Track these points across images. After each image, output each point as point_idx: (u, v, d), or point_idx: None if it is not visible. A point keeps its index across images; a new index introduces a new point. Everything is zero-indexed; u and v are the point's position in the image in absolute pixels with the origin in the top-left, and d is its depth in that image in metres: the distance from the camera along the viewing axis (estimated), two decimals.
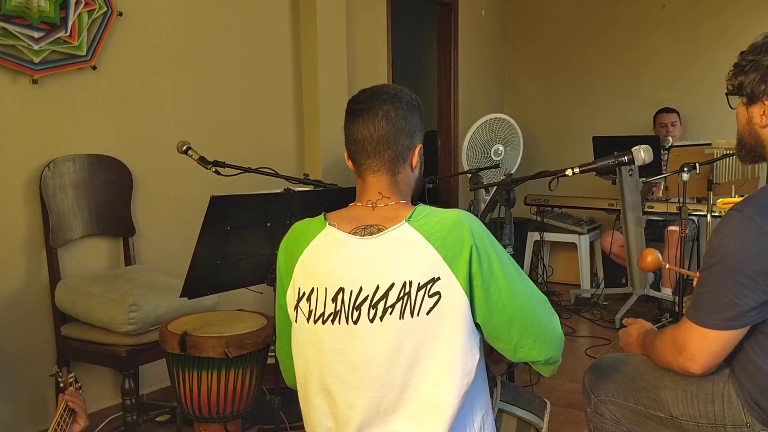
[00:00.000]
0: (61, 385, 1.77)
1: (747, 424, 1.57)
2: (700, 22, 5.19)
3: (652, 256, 1.93)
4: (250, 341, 2.17)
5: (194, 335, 2.16)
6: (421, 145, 1.47)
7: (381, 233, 1.37)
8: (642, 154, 1.83)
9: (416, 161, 1.46)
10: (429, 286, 1.32)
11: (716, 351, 1.51)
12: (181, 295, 1.94)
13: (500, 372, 1.87)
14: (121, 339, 2.52)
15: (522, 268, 4.95)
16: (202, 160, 2.51)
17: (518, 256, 5.20)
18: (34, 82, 2.66)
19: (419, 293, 1.32)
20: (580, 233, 4.99)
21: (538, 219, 5.05)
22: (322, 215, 1.43)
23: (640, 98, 5.40)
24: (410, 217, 1.36)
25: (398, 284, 1.33)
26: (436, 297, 1.32)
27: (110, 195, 2.94)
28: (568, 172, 1.88)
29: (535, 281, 5.54)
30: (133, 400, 2.55)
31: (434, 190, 5.32)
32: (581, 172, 1.88)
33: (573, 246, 5.05)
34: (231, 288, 2.02)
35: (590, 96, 5.68)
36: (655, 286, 4.60)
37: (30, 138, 2.70)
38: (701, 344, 1.51)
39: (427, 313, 1.32)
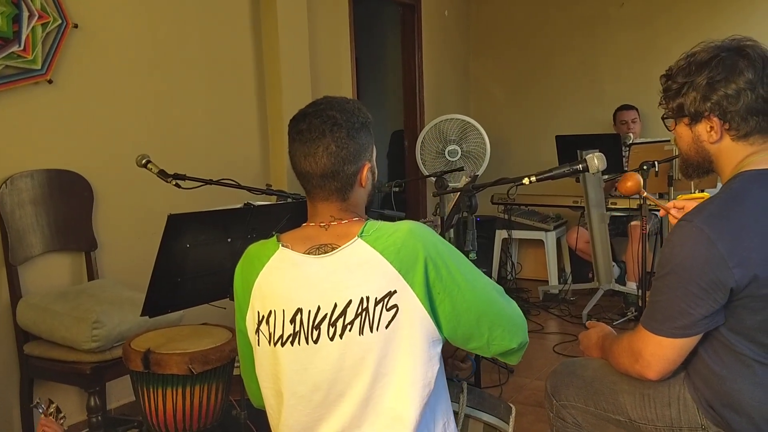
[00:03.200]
0: (43, 415, 1.75)
1: (702, 427, 1.60)
2: (657, 20, 5.27)
3: (632, 181, 1.85)
4: (215, 357, 2.16)
5: (157, 352, 2.14)
6: (369, 163, 1.45)
7: (335, 251, 1.37)
8: (596, 161, 1.86)
9: (366, 179, 1.45)
10: (386, 299, 1.33)
11: (671, 358, 1.54)
12: (142, 314, 1.93)
13: (466, 377, 1.89)
14: (84, 356, 2.49)
15: (491, 266, 4.94)
16: (162, 174, 2.48)
17: (486, 254, 5.25)
18: None
19: (377, 308, 1.33)
20: (546, 230, 5.05)
21: (506, 217, 5.10)
22: (275, 237, 1.43)
23: (601, 96, 5.47)
24: (362, 233, 1.37)
25: (355, 300, 1.34)
26: (394, 310, 1.33)
27: (71, 210, 2.90)
28: (525, 180, 1.91)
29: (504, 278, 5.59)
30: (99, 418, 2.53)
31: (401, 193, 5.35)
32: (537, 180, 1.91)
33: (540, 243, 5.10)
34: (193, 305, 2.02)
35: (553, 94, 5.74)
36: (621, 280, 4.68)
37: None
38: (656, 352, 1.54)
39: (386, 327, 1.33)
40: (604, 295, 4.46)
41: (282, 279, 1.39)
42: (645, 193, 1.84)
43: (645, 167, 3.49)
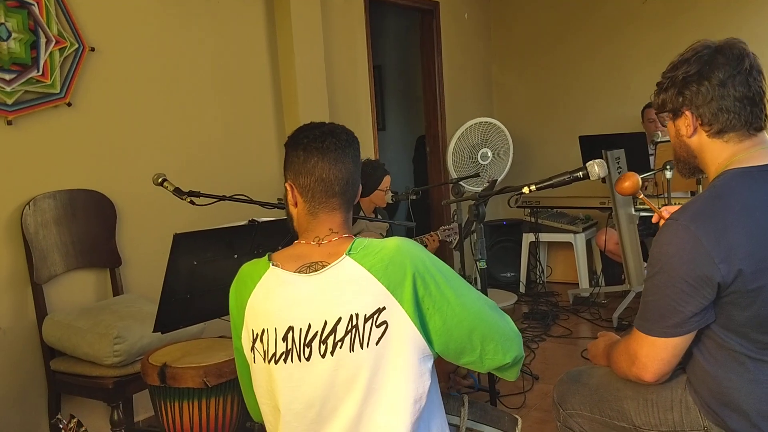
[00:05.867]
0: (63, 430, 1.80)
1: (704, 428, 1.59)
2: (680, 16, 5.17)
3: (630, 181, 1.76)
4: (229, 369, 2.19)
5: (173, 367, 2.19)
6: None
7: (324, 269, 1.39)
8: (596, 168, 1.84)
9: (358, 196, 1.55)
10: (375, 316, 1.35)
11: (666, 358, 1.53)
12: (154, 330, 1.98)
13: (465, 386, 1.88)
14: (107, 371, 2.56)
15: (518, 270, 4.86)
16: (177, 191, 2.52)
17: (514, 258, 5.19)
18: (9, 123, 2.70)
19: (366, 325, 1.35)
20: (575, 232, 4.98)
21: (532, 220, 5.05)
22: (267, 256, 1.46)
23: (627, 94, 5.38)
24: (349, 251, 1.39)
25: (345, 318, 1.35)
26: (384, 327, 1.35)
27: (94, 228, 2.98)
28: (525, 189, 1.90)
29: (533, 282, 5.49)
30: (123, 431, 2.58)
31: (424, 200, 5.33)
32: (537, 189, 1.89)
33: (570, 245, 5.04)
34: (204, 320, 2.05)
35: (577, 94, 5.67)
36: None
37: (8, 178, 2.74)
38: (651, 353, 1.54)
39: (376, 344, 1.34)
40: (636, 297, 4.37)
41: (273, 298, 1.41)
42: (642, 195, 1.80)
43: (668, 167, 3.43)
